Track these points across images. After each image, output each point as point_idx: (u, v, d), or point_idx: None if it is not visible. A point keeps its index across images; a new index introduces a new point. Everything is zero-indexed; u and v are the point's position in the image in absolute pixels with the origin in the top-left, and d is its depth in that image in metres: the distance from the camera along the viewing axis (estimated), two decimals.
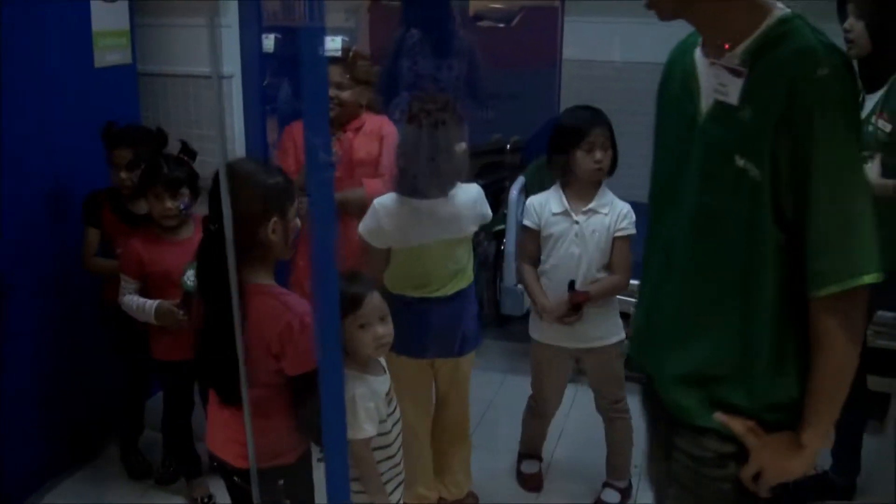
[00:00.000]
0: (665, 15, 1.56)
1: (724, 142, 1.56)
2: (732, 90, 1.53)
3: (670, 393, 1.71)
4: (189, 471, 3.16)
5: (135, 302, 2.87)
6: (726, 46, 1.55)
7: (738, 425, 1.59)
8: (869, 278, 1.46)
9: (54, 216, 3.10)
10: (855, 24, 2.76)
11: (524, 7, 5.10)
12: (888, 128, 2.73)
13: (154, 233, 2.93)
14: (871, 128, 2.77)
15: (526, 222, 2.93)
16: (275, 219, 2.04)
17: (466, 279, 2.78)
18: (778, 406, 1.60)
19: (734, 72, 1.52)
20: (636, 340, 1.91)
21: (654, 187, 1.80)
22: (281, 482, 2.16)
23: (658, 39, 1.76)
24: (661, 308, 1.75)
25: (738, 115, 1.52)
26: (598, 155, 2.74)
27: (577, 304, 2.82)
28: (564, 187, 2.87)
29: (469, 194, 2.68)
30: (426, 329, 2.73)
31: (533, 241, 2.92)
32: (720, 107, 1.56)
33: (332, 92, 3.11)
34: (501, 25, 5.13)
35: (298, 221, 2.15)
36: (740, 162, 1.52)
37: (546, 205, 2.87)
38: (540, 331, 2.96)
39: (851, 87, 1.50)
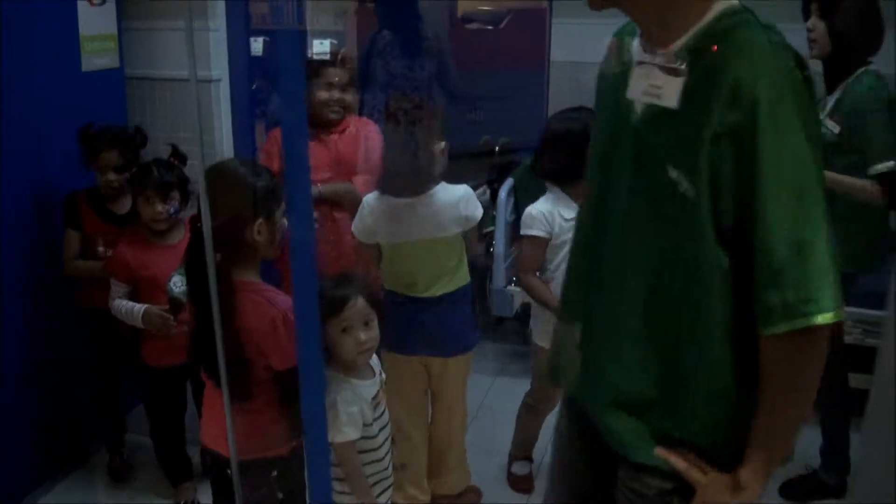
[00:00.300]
0: (595, 3, 1.41)
1: (656, 148, 1.40)
2: (669, 92, 1.36)
3: (604, 419, 1.56)
4: (178, 475, 3.15)
5: (124, 306, 2.86)
6: (663, 43, 1.38)
7: (679, 462, 1.46)
8: (824, 318, 1.28)
9: (42, 220, 3.09)
10: (817, 24, 2.77)
11: (512, 9, 5.12)
12: (837, 129, 2.77)
13: (143, 237, 2.92)
14: (823, 129, 2.80)
15: (534, 232, 2.82)
16: (260, 220, 2.07)
17: (457, 281, 2.77)
18: (722, 437, 1.46)
19: (672, 71, 1.35)
20: (559, 359, 1.73)
21: (589, 190, 1.64)
22: (274, 474, 2.18)
23: None
24: (590, 324, 1.59)
25: (674, 121, 1.36)
26: None
27: None
28: (568, 191, 2.82)
29: (452, 195, 2.67)
30: (415, 328, 2.75)
31: (541, 251, 2.85)
32: (655, 108, 1.39)
33: (337, 95, 3.14)
34: (490, 27, 5.15)
35: (286, 221, 2.16)
36: (673, 173, 1.35)
37: (554, 211, 2.81)
38: (549, 338, 2.94)
39: (805, 90, 1.32)
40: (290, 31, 0.86)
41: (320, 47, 3.60)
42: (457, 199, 2.67)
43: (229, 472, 2.12)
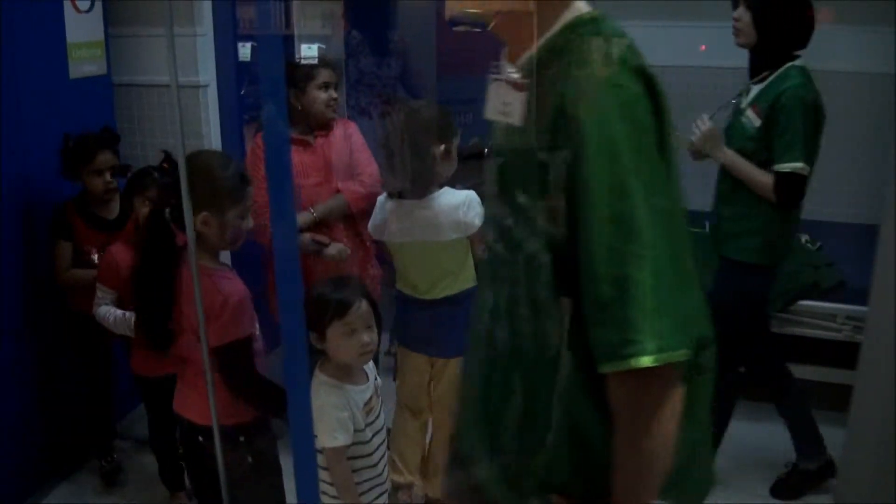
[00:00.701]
0: (452, 7, 1.35)
1: (507, 170, 1.32)
2: (515, 109, 1.27)
3: (475, 470, 1.44)
4: (173, 483, 3.14)
5: (112, 314, 2.84)
6: (514, 56, 1.30)
7: None
8: (644, 361, 1.14)
9: (29, 227, 3.08)
10: (743, 14, 2.78)
11: (500, 11, 5.11)
12: (758, 122, 2.79)
13: (136, 242, 2.92)
14: (744, 119, 2.83)
15: None
16: (205, 213, 2.17)
17: (460, 284, 2.77)
18: (593, 481, 1.31)
19: (517, 86, 1.27)
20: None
21: None
22: (242, 439, 2.28)
23: (635, 41, 1.72)
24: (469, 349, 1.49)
25: (521, 141, 1.26)
26: None
27: None
28: None
29: (453, 200, 2.66)
30: (418, 327, 2.82)
31: None
32: (510, 128, 1.29)
33: (334, 94, 3.19)
34: (478, 30, 5.14)
35: (249, 222, 2.29)
36: (521, 198, 1.25)
37: None
38: None
39: (639, 111, 1.17)
40: (272, 36, 0.87)
41: (308, 52, 3.61)
42: (457, 204, 2.66)
43: (200, 438, 2.32)
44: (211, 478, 2.28)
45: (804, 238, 3.98)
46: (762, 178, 2.77)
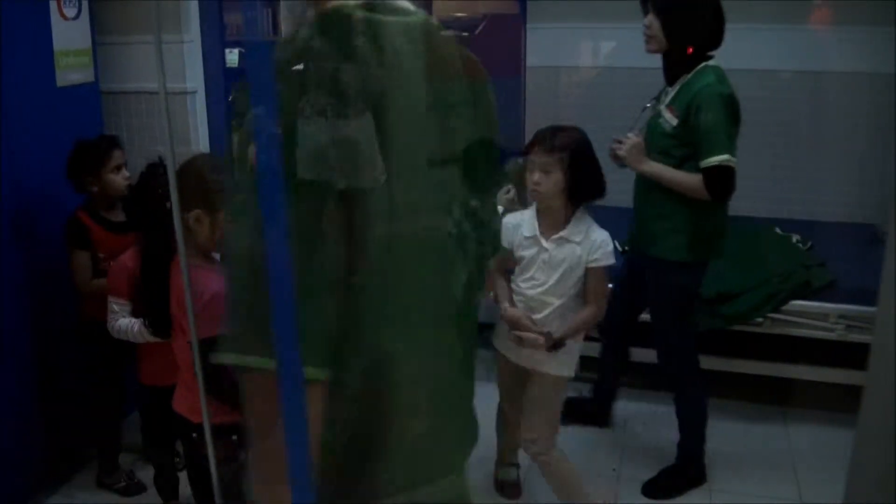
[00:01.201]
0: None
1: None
2: None
3: None
4: (167, 492, 3.12)
5: (136, 325, 2.75)
6: None
7: None
8: (227, 358, 1.13)
9: (20, 236, 3.05)
10: (653, 21, 2.80)
11: (487, 15, 5.13)
12: (674, 122, 2.82)
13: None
14: (661, 119, 2.87)
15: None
16: (198, 211, 2.25)
17: None
18: None
19: None
20: None
21: None
22: (234, 437, 2.24)
23: (623, 42, 1.73)
24: None
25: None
26: (536, 177, 2.64)
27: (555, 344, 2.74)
28: (537, 210, 2.78)
29: None
30: None
31: (506, 258, 2.86)
32: None
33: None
34: (465, 34, 5.16)
35: None
36: None
37: (519, 227, 2.79)
38: (497, 340, 2.95)
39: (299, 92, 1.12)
40: (259, 41, 0.87)
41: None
42: None
43: (194, 435, 2.38)
44: (210, 481, 2.26)
45: (795, 238, 4.00)
46: (690, 180, 2.79)
